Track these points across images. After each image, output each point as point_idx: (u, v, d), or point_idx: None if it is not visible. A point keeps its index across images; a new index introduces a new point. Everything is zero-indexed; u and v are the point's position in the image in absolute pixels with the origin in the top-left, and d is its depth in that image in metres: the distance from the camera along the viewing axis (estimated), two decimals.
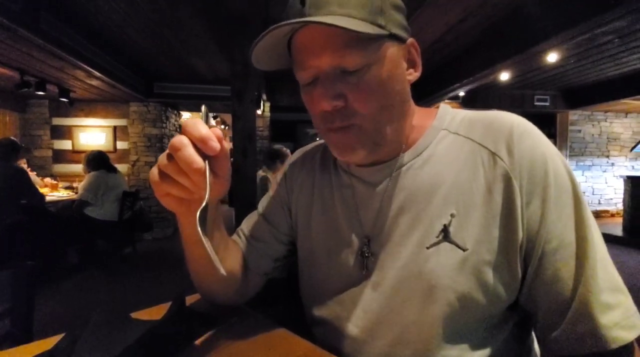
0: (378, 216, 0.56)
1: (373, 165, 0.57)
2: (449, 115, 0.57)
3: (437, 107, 0.59)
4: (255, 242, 0.68)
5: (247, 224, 0.71)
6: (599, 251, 0.47)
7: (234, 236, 0.71)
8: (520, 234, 0.47)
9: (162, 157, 0.41)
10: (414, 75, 0.54)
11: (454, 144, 0.54)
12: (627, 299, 0.46)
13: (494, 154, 0.50)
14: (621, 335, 0.44)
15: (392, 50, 0.50)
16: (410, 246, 0.52)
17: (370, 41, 0.47)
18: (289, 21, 0.45)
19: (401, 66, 0.52)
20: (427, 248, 0.50)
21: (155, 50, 3.95)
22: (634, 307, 0.46)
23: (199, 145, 0.40)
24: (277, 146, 3.45)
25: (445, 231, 0.49)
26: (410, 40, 0.53)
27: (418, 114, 0.58)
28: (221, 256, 0.57)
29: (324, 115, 0.51)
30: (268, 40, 0.48)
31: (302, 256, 0.67)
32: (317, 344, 0.56)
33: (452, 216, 0.50)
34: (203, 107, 0.47)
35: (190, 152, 0.39)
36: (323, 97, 0.48)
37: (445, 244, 0.49)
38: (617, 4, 2.25)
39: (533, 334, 0.58)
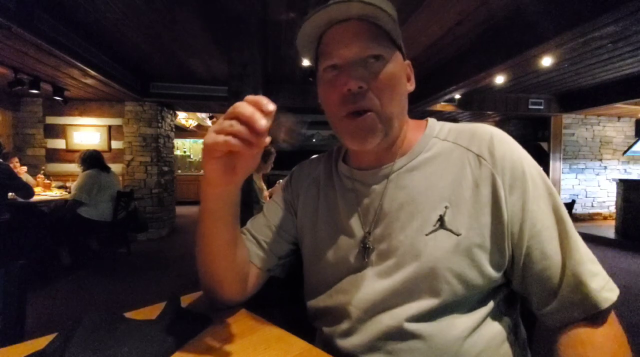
0: (378, 213, 0.63)
1: (372, 169, 0.65)
2: (437, 126, 0.67)
3: (426, 120, 0.69)
4: (261, 239, 0.72)
5: (252, 224, 0.75)
6: (574, 230, 0.57)
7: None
8: (506, 220, 0.56)
9: (222, 123, 0.47)
10: (410, 87, 0.65)
11: (444, 149, 0.63)
12: (600, 267, 0.55)
13: (478, 156, 0.60)
14: (608, 296, 0.53)
15: (399, 57, 0.62)
16: (410, 234, 0.59)
17: (389, 42, 0.59)
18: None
19: (404, 74, 0.63)
20: (426, 235, 0.58)
21: (152, 50, 3.93)
22: (605, 273, 0.56)
23: (257, 107, 0.47)
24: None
25: (441, 220, 0.58)
26: (407, 61, 0.65)
27: (410, 125, 0.67)
28: (237, 242, 0.63)
29: (345, 98, 0.58)
30: (310, 27, 0.59)
31: (307, 253, 0.72)
32: (314, 343, 0.56)
33: (446, 207, 0.58)
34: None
35: (251, 109, 0.46)
36: (350, 78, 0.56)
37: (442, 231, 0.57)
38: (610, 8, 2.28)
39: (517, 308, 0.65)
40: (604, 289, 0.53)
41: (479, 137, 0.61)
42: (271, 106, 0.47)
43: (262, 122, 0.45)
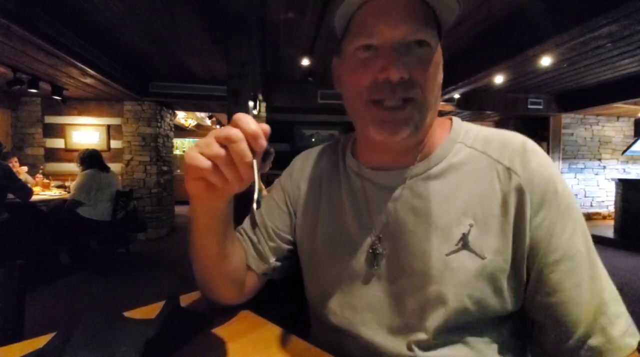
0: (391, 219, 0.57)
1: (387, 170, 0.59)
2: (462, 129, 0.60)
3: (450, 119, 0.62)
4: (255, 241, 0.67)
5: (248, 224, 0.70)
6: (601, 263, 0.50)
7: (236, 234, 0.70)
8: (527, 243, 0.50)
9: (211, 145, 0.41)
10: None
11: (470, 157, 0.56)
12: (624, 307, 0.50)
13: (509, 169, 0.53)
14: (629, 342, 0.47)
15: (439, 46, 0.54)
16: (427, 250, 0.53)
17: (435, 30, 0.51)
18: None
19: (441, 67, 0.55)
20: (446, 255, 0.52)
21: (151, 49, 3.93)
22: (628, 314, 0.50)
23: (250, 141, 0.41)
24: None
25: (464, 239, 0.52)
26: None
27: (435, 123, 0.59)
28: (229, 251, 0.58)
29: (378, 84, 0.50)
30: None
31: (305, 256, 0.68)
32: (316, 345, 0.55)
33: (470, 225, 0.52)
34: (250, 103, 0.47)
35: (245, 146, 0.40)
36: (392, 65, 0.48)
37: (465, 252, 0.52)
38: (610, 8, 2.28)
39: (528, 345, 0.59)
40: (627, 333, 0.47)
41: (511, 147, 0.54)
42: (265, 128, 0.42)
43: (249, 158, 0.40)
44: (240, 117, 0.42)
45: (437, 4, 0.50)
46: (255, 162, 0.42)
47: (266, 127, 0.42)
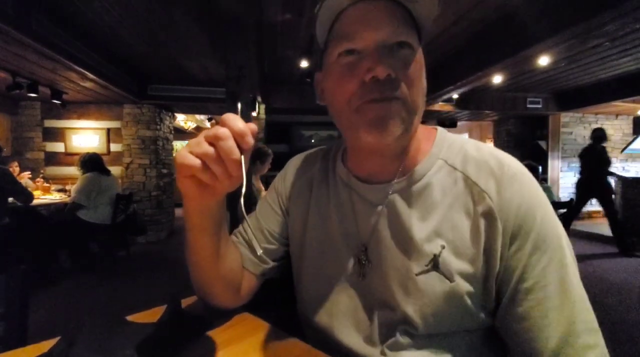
0: (372, 232, 0.59)
1: (372, 183, 0.59)
2: (446, 143, 0.59)
3: (435, 129, 0.61)
4: (253, 243, 0.68)
5: (244, 226, 0.71)
6: (578, 293, 0.49)
7: (232, 237, 0.71)
8: (498, 269, 0.51)
9: (200, 144, 0.43)
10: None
11: (449, 177, 0.56)
12: (602, 339, 0.48)
13: (483, 192, 0.52)
14: None
15: (420, 49, 0.54)
16: (400, 269, 0.55)
17: (415, 33, 0.52)
18: None
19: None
20: (416, 275, 0.53)
21: (149, 52, 3.94)
22: (603, 346, 0.48)
23: (238, 139, 0.42)
24: (258, 145, 3.38)
25: (435, 260, 0.52)
26: None
27: (420, 131, 0.59)
28: (224, 252, 0.59)
29: (366, 86, 0.50)
30: (330, 4, 0.50)
31: (294, 258, 0.69)
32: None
33: (442, 247, 0.53)
34: (239, 104, 0.49)
35: (232, 143, 0.42)
36: (379, 64, 0.48)
37: (434, 274, 0.52)
38: (609, 7, 2.29)
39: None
40: None
41: (490, 169, 0.54)
42: (253, 127, 0.44)
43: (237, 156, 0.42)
44: (228, 116, 0.43)
45: (415, 7, 0.51)
46: (243, 159, 0.43)
47: (254, 127, 0.44)
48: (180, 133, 9.13)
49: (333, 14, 0.52)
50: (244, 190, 0.46)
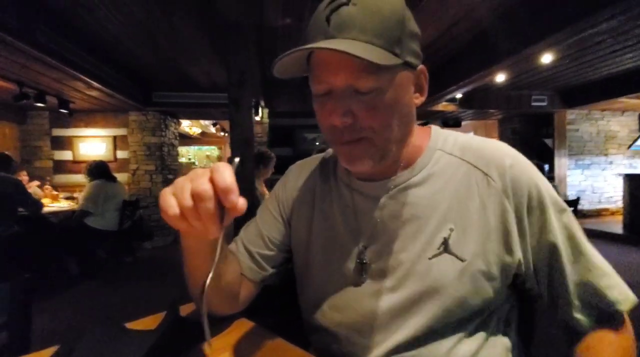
0: (376, 227, 0.60)
1: (373, 181, 0.61)
2: (441, 136, 0.63)
3: (429, 127, 0.64)
4: (254, 251, 0.69)
5: (245, 233, 0.72)
6: (589, 247, 0.56)
7: (232, 245, 0.72)
8: (517, 248, 0.54)
9: (184, 194, 0.40)
10: (420, 99, 0.58)
11: (450, 164, 0.59)
12: (617, 278, 0.56)
13: (486, 176, 0.56)
14: (622, 301, 0.54)
15: (403, 76, 0.53)
16: (411, 255, 0.56)
17: (384, 68, 0.49)
18: (313, 45, 0.49)
19: (409, 91, 0.55)
20: (429, 259, 0.55)
21: (152, 59, 3.98)
22: (622, 283, 0.56)
23: (220, 195, 0.39)
24: (261, 149, 3.38)
25: (445, 243, 0.55)
26: (420, 67, 0.56)
27: (414, 133, 0.61)
28: (222, 271, 0.58)
29: (333, 129, 0.53)
30: (290, 56, 0.51)
31: (299, 264, 0.70)
32: (312, 352, 0.56)
33: (451, 230, 0.55)
34: (236, 159, 0.45)
35: (211, 205, 0.39)
36: (333, 113, 0.51)
37: (446, 255, 0.55)
38: (608, 4, 2.27)
39: (514, 328, 0.63)
40: (620, 294, 0.54)
41: (489, 155, 0.58)
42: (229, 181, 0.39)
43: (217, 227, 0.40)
44: (218, 169, 0.40)
45: (371, 54, 0.47)
46: (225, 215, 0.41)
47: (243, 202, 0.40)
48: (186, 138, 9.21)
49: (303, 56, 0.53)
50: (214, 267, 0.44)
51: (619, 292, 0.54)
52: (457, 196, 0.56)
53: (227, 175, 0.40)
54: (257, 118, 5.35)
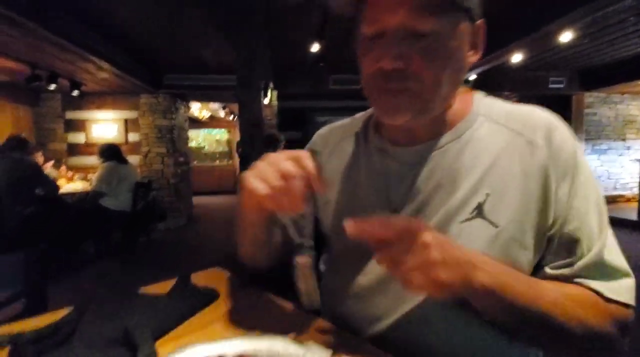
0: (409, 192, 0.57)
1: (412, 146, 0.58)
2: (485, 102, 0.60)
3: (471, 93, 0.61)
4: (296, 219, 0.71)
5: None
6: (609, 229, 0.54)
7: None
8: (551, 216, 0.52)
9: (270, 174, 0.47)
10: (474, 57, 0.55)
11: (492, 130, 0.56)
12: (628, 269, 0.52)
13: (531, 143, 0.53)
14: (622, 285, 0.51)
15: (463, 26, 0.50)
16: (442, 218, 0.54)
17: (446, 10, 0.47)
18: None
19: (466, 45, 0.53)
20: (461, 222, 0.53)
21: (163, 42, 3.97)
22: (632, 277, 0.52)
23: (311, 180, 0.48)
24: (271, 131, 3.36)
25: (479, 208, 0.52)
26: (480, 21, 0.53)
27: (456, 97, 0.59)
28: (272, 238, 0.65)
29: (379, 74, 0.50)
30: None
31: (325, 230, 0.69)
32: (337, 325, 0.56)
33: (487, 195, 0.52)
34: (282, 137, 0.52)
35: (300, 184, 0.47)
36: (386, 55, 0.47)
37: (479, 220, 0.52)
38: None
39: None
40: (621, 287, 0.51)
41: (534, 122, 0.55)
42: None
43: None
44: (301, 155, 0.48)
45: None
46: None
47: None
48: (195, 123, 9.25)
49: None
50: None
51: (620, 285, 0.51)
52: (497, 162, 0.54)
53: (309, 162, 0.47)
54: (266, 101, 5.32)
